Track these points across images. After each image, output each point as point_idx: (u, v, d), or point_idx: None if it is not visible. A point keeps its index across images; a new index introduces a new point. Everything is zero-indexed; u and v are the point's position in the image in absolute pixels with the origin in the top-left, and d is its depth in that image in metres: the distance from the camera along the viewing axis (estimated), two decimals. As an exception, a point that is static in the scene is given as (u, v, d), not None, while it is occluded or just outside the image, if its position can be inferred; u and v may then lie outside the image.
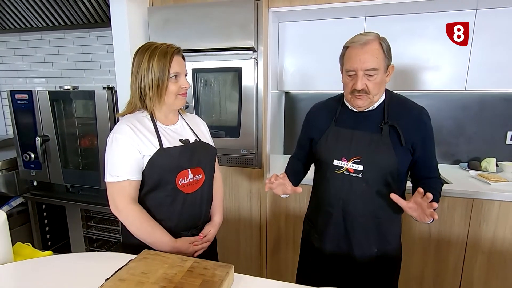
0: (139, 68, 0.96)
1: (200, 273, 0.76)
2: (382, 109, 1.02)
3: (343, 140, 1.04)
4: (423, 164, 1.04)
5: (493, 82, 1.71)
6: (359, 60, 0.94)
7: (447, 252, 1.64)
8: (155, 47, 0.96)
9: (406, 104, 1.04)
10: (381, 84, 0.98)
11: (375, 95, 0.98)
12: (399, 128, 0.98)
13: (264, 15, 1.67)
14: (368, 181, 1.01)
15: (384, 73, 0.98)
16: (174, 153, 0.98)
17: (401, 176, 1.05)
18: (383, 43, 0.96)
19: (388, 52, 0.97)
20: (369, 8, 1.66)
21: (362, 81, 0.95)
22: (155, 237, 0.96)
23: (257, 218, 1.87)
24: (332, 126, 1.08)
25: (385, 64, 0.97)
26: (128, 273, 0.76)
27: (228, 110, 1.80)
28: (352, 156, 1.01)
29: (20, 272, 0.86)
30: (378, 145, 0.99)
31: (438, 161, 1.07)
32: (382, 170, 1.00)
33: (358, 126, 1.03)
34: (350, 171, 1.02)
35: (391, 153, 0.98)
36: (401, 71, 1.82)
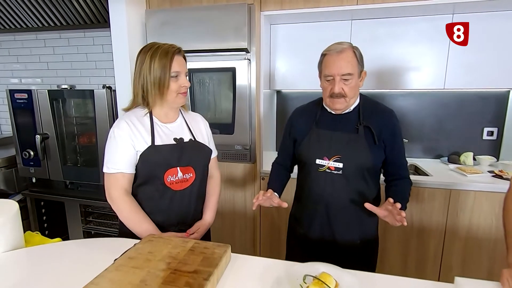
0: (141, 67, 1.01)
1: (201, 251, 0.85)
2: (357, 112, 1.12)
3: (324, 141, 1.13)
4: (393, 162, 1.14)
5: (470, 82, 1.85)
6: (336, 66, 1.03)
7: (427, 240, 1.76)
8: (157, 47, 1.01)
9: (377, 107, 1.15)
10: (355, 88, 1.08)
11: (351, 98, 1.08)
12: (372, 128, 1.08)
13: (256, 18, 1.77)
14: (348, 177, 1.10)
15: (358, 78, 1.08)
16: (164, 150, 1.02)
17: (377, 172, 1.16)
18: (356, 51, 1.06)
19: (360, 60, 1.07)
20: (355, 12, 1.77)
21: (339, 85, 1.04)
22: (141, 228, 1.00)
23: (251, 210, 1.96)
24: (313, 128, 1.16)
25: (358, 70, 1.07)
26: (136, 252, 0.84)
27: (223, 108, 1.89)
28: (332, 155, 1.10)
29: (32, 257, 0.93)
30: (355, 144, 1.09)
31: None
32: (360, 166, 1.09)
33: (336, 127, 1.13)
34: (331, 169, 1.11)
35: (367, 151, 1.08)
36: (386, 71, 1.94)
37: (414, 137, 2.19)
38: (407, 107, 2.17)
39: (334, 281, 0.73)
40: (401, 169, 1.16)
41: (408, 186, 1.15)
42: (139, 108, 1.06)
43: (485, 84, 1.85)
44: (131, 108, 1.07)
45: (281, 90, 2.29)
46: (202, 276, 0.73)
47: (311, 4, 1.73)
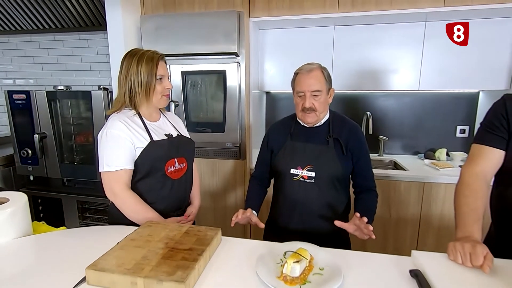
0: (128, 71, 1.09)
1: (195, 233, 0.96)
2: (327, 125, 1.23)
3: (297, 152, 1.22)
4: (360, 173, 1.24)
5: (443, 84, 2.01)
6: (306, 83, 1.15)
7: (404, 229, 1.91)
8: (142, 53, 1.11)
9: (345, 121, 1.26)
10: (325, 104, 1.19)
11: (321, 112, 1.19)
12: (341, 140, 1.20)
13: (245, 24, 1.89)
14: (319, 185, 1.19)
15: (327, 95, 1.19)
16: (163, 145, 1.14)
17: (346, 180, 1.26)
18: (324, 71, 1.18)
19: (328, 78, 1.19)
20: (337, 19, 1.91)
21: (310, 100, 1.16)
22: (147, 218, 1.10)
23: (242, 205, 2.08)
24: (288, 140, 1.26)
25: (327, 87, 1.18)
26: (137, 235, 0.95)
27: (214, 108, 2.00)
28: (305, 164, 1.20)
29: (41, 242, 1.03)
30: (326, 155, 1.19)
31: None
32: (330, 175, 1.19)
33: (309, 139, 1.23)
34: (305, 178, 1.20)
35: (336, 160, 1.18)
36: (367, 73, 2.08)
37: (394, 135, 2.35)
38: (387, 107, 2.32)
39: (309, 255, 0.86)
40: (367, 180, 1.25)
41: (374, 198, 1.23)
42: (126, 109, 1.14)
43: (456, 86, 2.01)
44: (117, 110, 1.14)
45: (270, 91, 2.42)
46: (196, 252, 0.85)
47: (296, 12, 1.87)
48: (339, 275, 0.78)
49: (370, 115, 2.21)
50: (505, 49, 1.88)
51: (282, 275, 0.79)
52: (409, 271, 0.82)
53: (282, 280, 0.78)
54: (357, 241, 1.37)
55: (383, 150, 2.36)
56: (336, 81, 2.10)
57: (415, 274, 0.80)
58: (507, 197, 0.96)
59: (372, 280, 0.80)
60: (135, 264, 0.79)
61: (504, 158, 0.95)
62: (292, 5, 1.86)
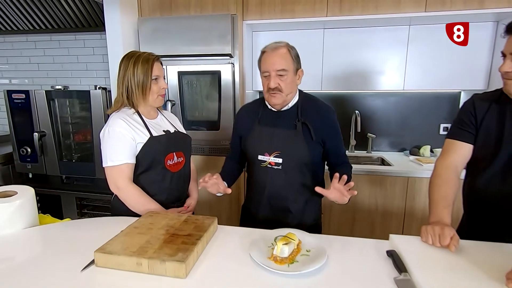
0: (125, 72, 1.17)
1: (193, 222, 1.04)
2: (296, 109, 1.18)
3: (265, 137, 1.18)
4: (333, 153, 1.22)
5: (426, 84, 2.12)
6: (271, 62, 1.10)
7: (390, 221, 2.02)
8: (138, 55, 1.18)
9: (316, 103, 1.21)
10: (291, 84, 1.13)
11: (287, 94, 1.13)
12: (309, 124, 1.14)
13: (239, 26, 1.97)
14: (286, 172, 1.16)
15: (294, 75, 1.14)
16: (162, 140, 1.22)
17: (316, 166, 1.21)
18: (291, 50, 1.12)
19: (296, 58, 1.13)
20: (326, 22, 2.01)
21: (275, 80, 1.10)
22: (150, 209, 1.16)
23: (236, 198, 2.17)
24: (256, 125, 1.21)
25: (294, 67, 1.12)
26: (140, 224, 1.03)
27: (210, 107, 2.08)
28: (273, 150, 1.16)
29: (47, 232, 1.09)
30: (293, 140, 1.15)
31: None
32: (298, 161, 1.15)
33: (277, 124, 1.18)
34: (272, 164, 1.17)
35: (304, 146, 1.14)
36: (355, 74, 2.19)
37: (382, 133, 2.46)
38: (375, 106, 2.43)
39: (297, 239, 0.95)
40: (339, 157, 1.24)
41: (349, 167, 1.23)
42: (125, 108, 1.22)
43: (439, 86, 2.13)
44: (117, 109, 1.21)
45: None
46: (195, 237, 0.93)
47: (287, 15, 1.96)
48: (324, 255, 0.87)
49: (358, 113, 2.32)
50: (484, 52, 2.00)
51: (273, 256, 0.88)
52: (386, 252, 0.92)
53: (272, 260, 0.87)
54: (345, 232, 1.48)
55: (372, 147, 2.47)
56: (326, 82, 2.21)
57: (390, 254, 0.90)
58: (475, 186, 1.06)
59: (353, 259, 0.90)
60: (139, 247, 0.87)
61: (472, 151, 1.05)
62: (284, 9, 1.96)
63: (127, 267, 0.83)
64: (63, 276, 0.81)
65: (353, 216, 2.03)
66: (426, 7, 1.79)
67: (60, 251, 0.94)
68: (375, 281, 0.79)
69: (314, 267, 0.82)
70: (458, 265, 0.82)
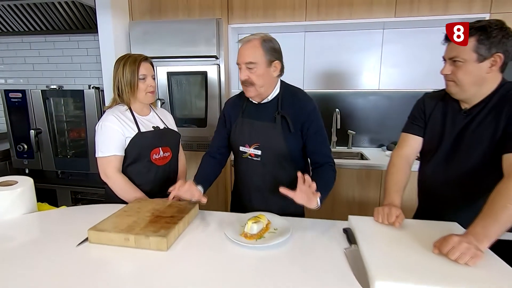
0: (116, 73, 1.31)
1: (176, 206, 1.17)
2: (276, 101, 1.19)
3: (246, 129, 1.21)
4: (313, 149, 1.19)
5: (399, 84, 2.28)
6: (241, 55, 1.11)
7: (366, 211, 2.17)
8: (128, 57, 1.32)
9: (296, 95, 1.20)
10: (264, 77, 1.11)
11: (260, 86, 1.12)
12: (288, 117, 1.14)
13: (224, 29, 2.11)
14: (265, 164, 1.19)
15: (267, 67, 1.11)
16: (148, 135, 1.35)
17: (295, 158, 1.21)
18: (265, 42, 1.09)
19: (270, 50, 1.10)
20: (306, 26, 2.15)
21: (245, 73, 1.10)
22: (135, 197, 1.28)
23: (222, 192, 2.30)
24: (239, 117, 1.24)
25: (266, 59, 1.10)
26: (128, 208, 1.16)
27: (197, 105, 2.22)
28: (252, 142, 1.19)
29: (45, 217, 1.21)
30: (272, 133, 1.16)
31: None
32: (276, 153, 1.18)
33: (257, 116, 1.20)
34: (252, 156, 1.21)
35: (282, 139, 1.16)
36: (335, 74, 2.34)
37: (361, 130, 2.61)
38: (355, 104, 2.58)
39: (266, 219, 1.09)
40: (322, 156, 1.19)
41: (328, 171, 1.16)
42: (119, 105, 1.35)
43: (412, 86, 2.29)
44: (112, 106, 1.35)
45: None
46: (176, 218, 1.06)
47: (270, 19, 2.10)
48: (288, 232, 1.01)
49: (338, 111, 2.46)
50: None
51: (244, 232, 1.01)
52: (343, 229, 1.06)
53: (243, 236, 1.00)
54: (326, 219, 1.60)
55: (352, 144, 2.62)
56: (308, 81, 2.35)
57: (346, 231, 1.04)
58: (424, 174, 1.21)
59: (313, 235, 1.04)
60: (127, 226, 1.00)
61: (422, 143, 1.20)
62: (266, 13, 2.09)
63: (116, 242, 0.96)
64: (60, 252, 0.93)
65: (331, 207, 2.18)
66: (396, 13, 1.94)
67: (57, 232, 1.07)
68: (328, 251, 0.93)
69: (278, 241, 0.96)
70: (399, 238, 0.96)
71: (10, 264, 0.87)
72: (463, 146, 1.06)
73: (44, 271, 0.83)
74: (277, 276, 0.81)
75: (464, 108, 1.08)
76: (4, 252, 0.93)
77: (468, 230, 0.86)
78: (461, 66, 1.01)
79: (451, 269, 0.78)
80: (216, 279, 0.80)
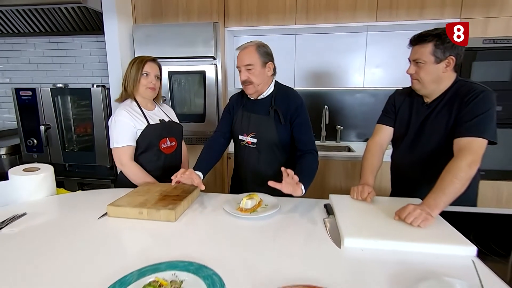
0: (126, 70, 1.51)
1: (181, 188, 1.35)
2: (271, 98, 1.41)
3: (245, 121, 1.43)
4: (298, 137, 1.39)
5: (383, 82, 2.47)
6: (240, 59, 1.33)
7: (351, 199, 2.36)
8: (138, 57, 1.51)
9: (287, 93, 1.42)
10: (260, 76, 1.33)
11: (258, 84, 1.34)
12: (279, 111, 1.36)
13: (221, 32, 2.28)
14: (260, 150, 1.41)
15: (262, 68, 1.33)
16: (157, 127, 1.53)
17: (285, 146, 1.42)
18: (259, 47, 1.33)
19: (263, 54, 1.33)
20: (297, 29, 2.34)
21: (245, 74, 1.33)
22: (147, 181, 1.46)
23: (220, 183, 2.48)
24: (240, 110, 1.46)
25: (261, 61, 1.32)
26: (139, 189, 1.33)
27: (196, 102, 2.39)
28: (250, 132, 1.41)
29: (66, 199, 1.38)
30: (266, 124, 1.38)
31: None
32: (269, 141, 1.38)
33: (254, 110, 1.42)
34: (249, 143, 1.42)
35: (274, 129, 1.38)
36: (324, 73, 2.53)
37: (349, 125, 2.81)
38: (343, 101, 2.77)
39: (259, 197, 1.27)
40: (305, 144, 1.37)
41: (311, 159, 1.33)
42: (128, 101, 1.53)
43: (394, 84, 2.48)
44: (120, 100, 1.54)
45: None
46: (182, 197, 1.24)
47: (263, 23, 2.28)
48: (277, 206, 1.20)
49: (327, 108, 2.66)
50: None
51: (239, 207, 1.20)
52: (323, 205, 1.25)
53: (239, 210, 1.18)
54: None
55: (340, 138, 2.81)
56: (298, 80, 2.54)
57: (325, 206, 1.23)
58: (395, 158, 1.41)
59: (298, 210, 1.22)
60: (140, 203, 1.18)
61: (393, 132, 1.40)
62: (259, 17, 2.28)
63: (131, 215, 1.14)
64: (84, 223, 1.11)
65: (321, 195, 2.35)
66: (377, 17, 2.14)
67: (79, 209, 1.24)
68: (310, 221, 1.12)
69: (269, 213, 1.15)
70: (369, 210, 1.15)
71: (44, 233, 1.04)
72: (425, 133, 1.26)
73: (72, 238, 1.00)
74: (268, 240, 0.99)
75: (426, 102, 1.28)
76: (37, 224, 1.10)
77: (423, 201, 1.05)
78: (422, 67, 1.21)
79: (406, 229, 0.98)
80: (217, 244, 0.97)
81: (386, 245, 0.91)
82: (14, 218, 1.13)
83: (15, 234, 1.02)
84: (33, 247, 0.94)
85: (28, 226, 1.08)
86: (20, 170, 1.38)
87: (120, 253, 0.92)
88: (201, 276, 0.75)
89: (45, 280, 0.78)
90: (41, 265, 0.83)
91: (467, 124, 1.10)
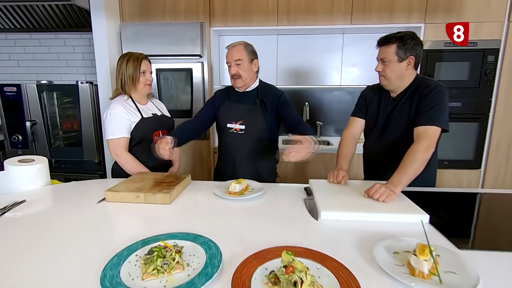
0: (120, 68, 1.57)
1: (173, 176, 1.46)
2: (256, 90, 1.61)
3: (233, 110, 1.59)
4: (289, 119, 1.55)
5: (358, 80, 2.67)
6: (230, 55, 1.53)
7: (330, 189, 2.54)
8: (130, 55, 1.58)
9: (270, 88, 1.64)
10: (248, 71, 1.53)
11: (246, 78, 1.54)
12: (266, 101, 1.58)
13: (207, 31, 2.39)
14: (248, 136, 1.57)
15: (249, 64, 1.53)
16: (150, 120, 1.62)
17: (270, 132, 1.61)
18: (247, 46, 1.55)
19: (250, 52, 1.54)
20: (279, 30, 2.49)
21: (234, 68, 1.52)
22: (141, 171, 1.55)
23: (207, 175, 2.58)
24: (226, 102, 1.64)
25: (249, 58, 1.53)
26: (134, 177, 1.43)
27: (184, 99, 2.48)
28: (238, 119, 1.58)
29: (61, 188, 1.45)
30: (253, 112, 1.56)
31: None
32: (256, 127, 1.56)
33: (242, 101, 1.60)
34: (237, 130, 1.58)
35: (261, 116, 1.57)
36: (304, 72, 2.69)
37: (328, 121, 2.99)
38: (322, 99, 2.95)
39: (246, 182, 1.40)
40: (294, 117, 1.54)
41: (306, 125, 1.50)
42: (121, 96, 1.61)
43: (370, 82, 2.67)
44: (115, 96, 1.61)
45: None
46: (175, 183, 1.35)
47: (247, 24, 2.41)
48: (262, 189, 1.33)
49: (307, 105, 2.82)
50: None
51: (228, 191, 1.32)
52: (304, 188, 1.40)
53: (228, 194, 1.31)
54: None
55: (320, 133, 2.99)
56: (280, 78, 2.69)
57: (305, 189, 1.38)
58: (366, 147, 1.58)
59: (282, 192, 1.36)
60: (136, 188, 1.27)
61: (364, 124, 1.57)
62: (244, 18, 2.40)
63: (128, 200, 1.23)
64: (84, 208, 1.19)
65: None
66: (352, 20, 2.32)
67: (77, 196, 1.32)
68: (291, 201, 1.26)
69: (255, 195, 1.28)
70: (342, 190, 1.31)
71: (48, 216, 1.12)
72: (391, 124, 1.44)
73: (73, 222, 1.07)
74: (256, 217, 1.11)
75: (392, 96, 1.46)
76: (38, 209, 1.18)
77: (388, 180, 1.22)
78: (388, 65, 1.38)
79: (373, 204, 1.14)
80: (210, 221, 1.08)
81: (355, 217, 1.07)
82: (14, 204, 1.19)
83: (19, 218, 1.09)
84: (39, 228, 1.01)
85: (30, 211, 1.15)
86: (15, 161, 1.44)
87: (121, 232, 1.03)
88: (199, 243, 0.87)
89: (54, 255, 0.86)
90: (49, 244, 0.91)
91: (424, 115, 1.29)
